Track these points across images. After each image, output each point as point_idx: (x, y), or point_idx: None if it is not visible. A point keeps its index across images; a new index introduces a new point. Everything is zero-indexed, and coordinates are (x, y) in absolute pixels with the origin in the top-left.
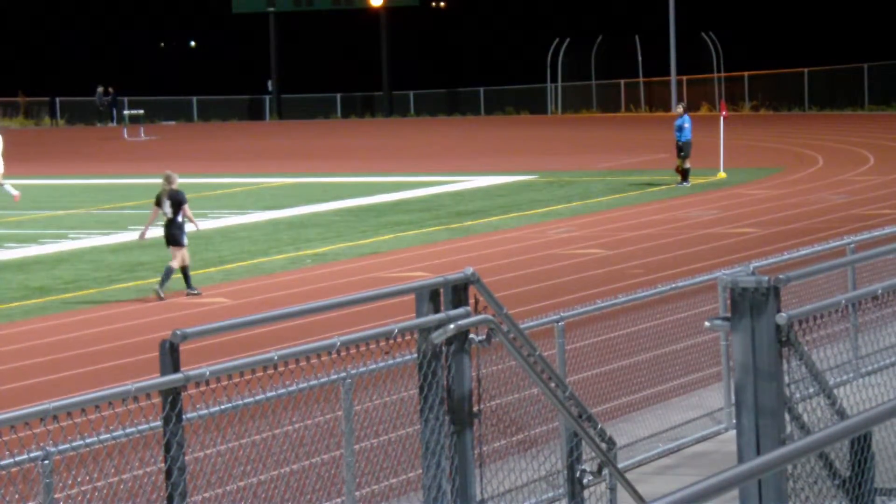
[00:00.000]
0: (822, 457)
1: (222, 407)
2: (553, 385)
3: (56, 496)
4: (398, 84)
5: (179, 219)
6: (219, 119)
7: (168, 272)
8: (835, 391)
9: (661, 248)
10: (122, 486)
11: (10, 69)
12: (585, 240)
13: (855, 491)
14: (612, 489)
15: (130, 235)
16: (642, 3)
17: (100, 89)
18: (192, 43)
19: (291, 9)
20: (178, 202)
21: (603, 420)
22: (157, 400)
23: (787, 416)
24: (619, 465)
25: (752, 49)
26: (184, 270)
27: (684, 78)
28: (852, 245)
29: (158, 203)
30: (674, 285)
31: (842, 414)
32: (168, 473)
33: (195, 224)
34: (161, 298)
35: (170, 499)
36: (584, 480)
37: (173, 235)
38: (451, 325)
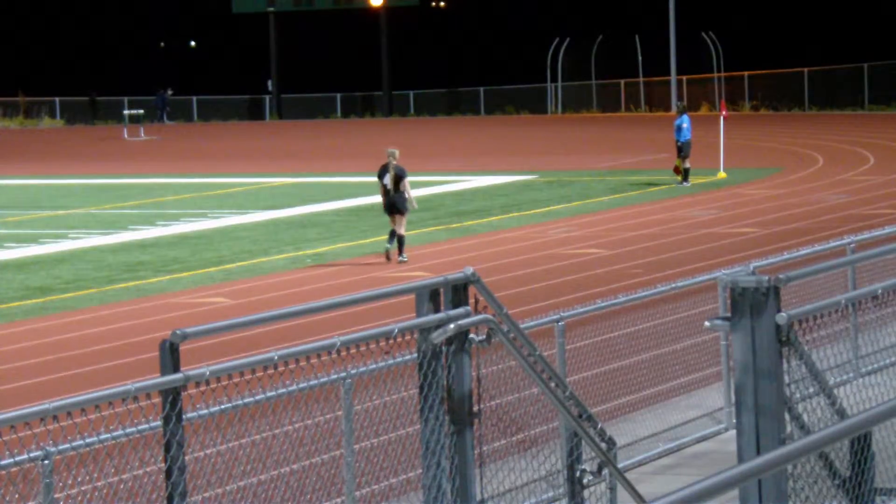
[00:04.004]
0: (822, 457)
1: (222, 407)
2: (553, 385)
3: (56, 496)
4: (398, 84)
5: (400, 190)
6: (219, 119)
7: (392, 235)
8: (835, 391)
9: (661, 248)
10: (122, 486)
11: (10, 69)
12: (585, 240)
13: (855, 491)
14: (612, 489)
15: (130, 235)
16: (642, 3)
17: (169, 92)
18: (192, 43)
19: (291, 9)
20: (399, 177)
21: (603, 420)
22: (157, 400)
23: (787, 416)
24: (619, 465)
25: (752, 49)
26: (399, 239)
27: (684, 78)
28: (852, 245)
29: (380, 177)
30: (674, 285)
31: (842, 414)
32: (168, 473)
33: (412, 200)
34: (389, 259)
35: (170, 499)
36: (584, 480)
37: (395, 204)
38: (451, 325)
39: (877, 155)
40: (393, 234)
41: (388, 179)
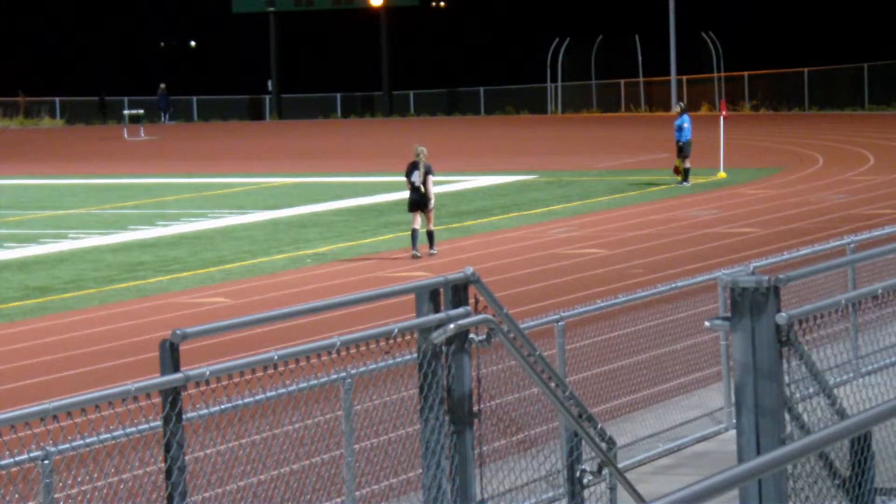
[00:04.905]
0: (822, 457)
1: (222, 407)
2: (553, 385)
3: (56, 496)
4: (398, 84)
5: (428, 186)
6: (219, 119)
7: (430, 237)
8: (835, 391)
9: (661, 248)
10: (122, 486)
11: (10, 69)
12: (585, 240)
13: (855, 491)
14: (612, 489)
15: (130, 235)
16: (642, 3)
17: (163, 85)
18: (192, 43)
19: (291, 9)
20: (428, 172)
21: (603, 420)
22: (157, 400)
23: (787, 416)
24: (619, 465)
25: (752, 49)
26: (414, 232)
27: (684, 78)
28: (852, 245)
29: (408, 174)
30: (674, 285)
31: (842, 414)
32: (168, 473)
33: (431, 198)
34: (418, 257)
35: (170, 499)
36: (584, 480)
37: (421, 201)
38: (451, 325)
39: (877, 155)
40: (415, 233)
41: (416, 177)
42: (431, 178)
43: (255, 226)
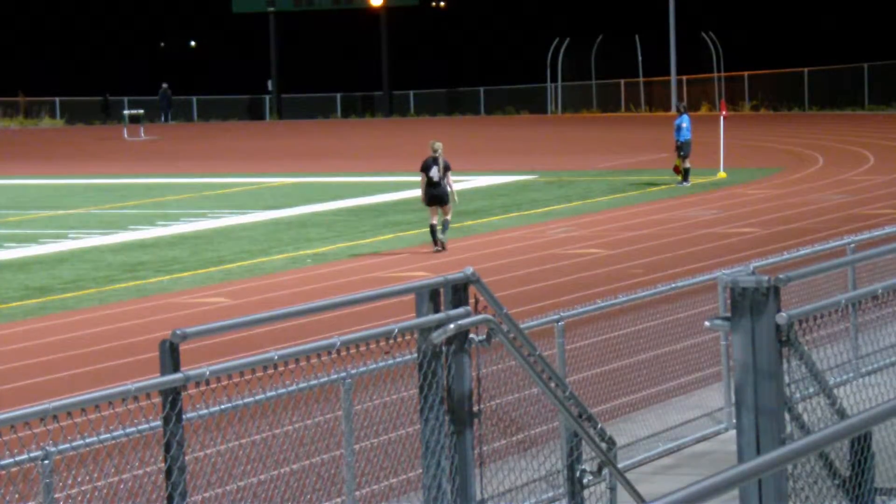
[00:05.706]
0: (822, 457)
1: (222, 407)
2: (553, 385)
3: (56, 496)
4: (398, 84)
5: (445, 182)
6: (219, 119)
7: (445, 225)
8: (835, 391)
9: (661, 248)
10: (122, 486)
11: (10, 69)
12: (585, 240)
13: (855, 491)
14: (612, 489)
15: (130, 235)
16: (642, 3)
17: (164, 85)
18: (192, 43)
19: (291, 9)
20: (446, 168)
21: (603, 420)
22: (157, 400)
23: (787, 416)
24: (619, 465)
25: (752, 49)
26: (433, 228)
27: (684, 78)
28: (852, 245)
29: (425, 169)
30: (674, 285)
31: (842, 414)
32: (168, 473)
33: (454, 193)
34: (443, 248)
35: (170, 499)
36: (584, 480)
37: (439, 196)
38: (451, 325)
39: (877, 155)
40: (434, 229)
41: (434, 172)
42: (450, 174)
43: (255, 226)
